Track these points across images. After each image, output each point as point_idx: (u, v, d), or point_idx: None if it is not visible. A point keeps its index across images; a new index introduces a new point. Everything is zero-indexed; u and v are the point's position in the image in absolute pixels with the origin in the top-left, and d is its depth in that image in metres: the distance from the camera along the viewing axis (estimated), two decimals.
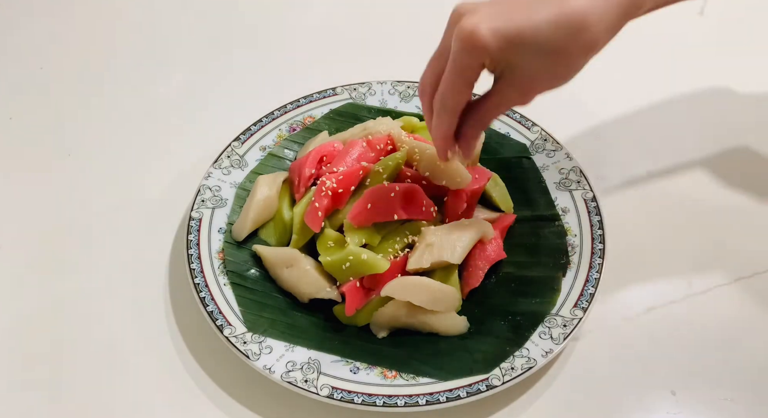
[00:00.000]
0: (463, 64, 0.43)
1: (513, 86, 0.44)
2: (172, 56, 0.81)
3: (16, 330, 0.56)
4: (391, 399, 0.48)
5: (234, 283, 0.55)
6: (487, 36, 0.41)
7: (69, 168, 0.69)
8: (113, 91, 0.77)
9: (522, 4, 0.42)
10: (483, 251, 0.55)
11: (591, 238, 0.57)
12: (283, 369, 0.49)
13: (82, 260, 0.61)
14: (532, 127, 0.65)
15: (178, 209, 0.64)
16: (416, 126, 0.64)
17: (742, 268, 0.59)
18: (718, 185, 0.66)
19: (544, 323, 0.52)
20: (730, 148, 0.69)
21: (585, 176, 0.61)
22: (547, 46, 0.41)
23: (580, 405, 0.51)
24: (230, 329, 0.51)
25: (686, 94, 0.75)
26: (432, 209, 0.56)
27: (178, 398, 0.52)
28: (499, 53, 0.41)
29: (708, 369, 0.53)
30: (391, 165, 0.56)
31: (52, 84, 0.78)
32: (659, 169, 0.67)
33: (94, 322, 0.56)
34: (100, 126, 0.73)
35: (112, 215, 0.64)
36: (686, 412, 0.51)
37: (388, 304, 0.52)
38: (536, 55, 0.42)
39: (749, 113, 0.73)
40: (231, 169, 0.63)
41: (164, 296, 0.58)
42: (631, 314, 0.56)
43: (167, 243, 0.61)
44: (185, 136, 0.72)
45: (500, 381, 0.48)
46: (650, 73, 0.78)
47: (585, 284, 0.54)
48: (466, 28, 0.41)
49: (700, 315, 0.56)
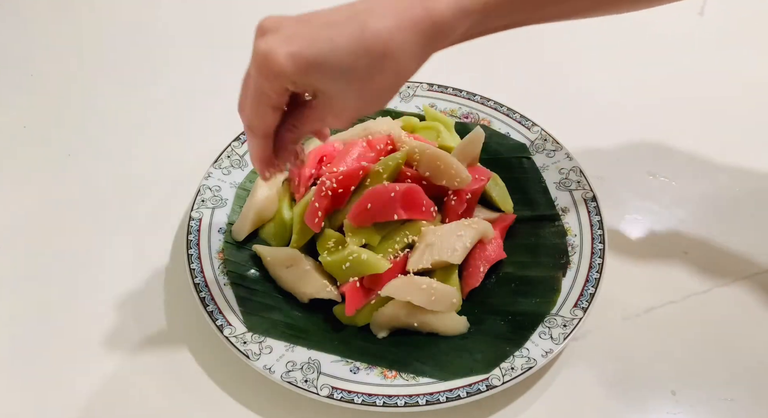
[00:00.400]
0: (262, 89, 0.40)
1: (326, 109, 0.42)
2: (172, 56, 0.81)
3: (16, 330, 0.56)
4: (391, 399, 0.48)
5: (234, 283, 0.55)
6: (284, 61, 0.38)
7: (69, 168, 0.69)
8: (113, 91, 0.77)
9: (325, 24, 0.39)
10: (483, 251, 0.55)
11: (591, 238, 0.57)
12: (283, 369, 0.49)
13: (81, 260, 0.61)
14: (532, 127, 0.65)
15: (178, 209, 0.64)
16: (416, 126, 0.64)
17: (742, 268, 0.59)
18: (718, 185, 0.66)
19: (544, 323, 0.52)
20: (730, 147, 0.69)
21: (585, 176, 0.61)
22: (349, 73, 0.39)
23: (580, 405, 0.51)
24: (230, 329, 0.51)
25: (686, 93, 0.75)
26: (432, 208, 0.56)
27: (178, 397, 0.52)
28: (299, 79, 0.39)
29: (708, 369, 0.53)
30: (391, 165, 0.56)
31: (51, 84, 0.78)
32: (659, 169, 0.67)
33: (94, 322, 0.56)
34: (100, 126, 0.73)
35: (112, 215, 0.64)
36: (686, 412, 0.51)
37: (388, 304, 0.52)
38: (339, 81, 0.39)
39: (749, 113, 0.73)
40: (231, 169, 0.63)
41: (164, 296, 0.58)
42: (631, 314, 0.56)
43: (167, 243, 0.61)
44: (185, 136, 0.72)
45: (500, 381, 0.48)
46: (650, 73, 0.78)
47: (585, 284, 0.54)
48: (260, 53, 0.39)
49: (700, 315, 0.56)
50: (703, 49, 0.81)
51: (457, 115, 0.68)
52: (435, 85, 0.69)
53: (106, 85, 0.78)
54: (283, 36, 0.39)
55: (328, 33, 0.39)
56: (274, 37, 0.39)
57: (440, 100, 0.68)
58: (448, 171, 0.56)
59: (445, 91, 0.69)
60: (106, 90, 0.77)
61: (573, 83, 0.77)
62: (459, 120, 0.67)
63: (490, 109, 0.67)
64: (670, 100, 0.74)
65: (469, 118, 0.67)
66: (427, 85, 0.69)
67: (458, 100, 0.68)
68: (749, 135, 0.71)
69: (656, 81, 0.77)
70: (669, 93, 0.75)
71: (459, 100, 0.68)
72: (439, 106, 0.68)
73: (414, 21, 0.39)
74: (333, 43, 0.38)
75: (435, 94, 0.69)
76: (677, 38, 0.81)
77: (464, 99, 0.68)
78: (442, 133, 0.64)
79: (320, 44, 0.38)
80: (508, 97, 0.68)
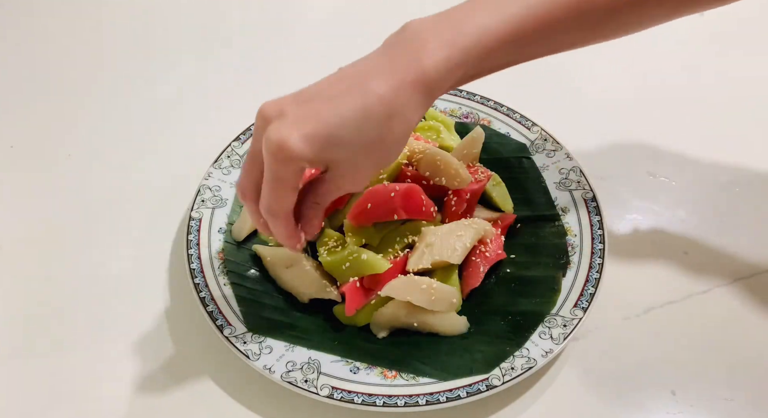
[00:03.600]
0: (280, 175, 0.40)
1: (342, 178, 0.43)
2: (172, 56, 0.81)
3: (16, 330, 0.56)
4: (391, 399, 0.48)
5: (234, 283, 0.55)
6: (300, 145, 0.38)
7: (69, 168, 0.69)
8: (113, 91, 0.77)
9: (327, 99, 0.40)
10: (483, 251, 0.55)
11: (591, 238, 0.57)
12: (283, 369, 0.49)
13: (82, 260, 0.61)
14: (532, 127, 0.65)
15: (178, 209, 0.64)
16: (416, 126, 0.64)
17: (741, 268, 0.59)
18: (718, 185, 0.66)
19: (544, 323, 0.52)
20: (730, 147, 0.69)
21: (585, 176, 0.61)
22: (360, 141, 0.40)
23: (580, 405, 0.51)
24: (230, 329, 0.51)
25: (686, 93, 0.75)
26: (432, 208, 0.56)
27: (178, 397, 0.52)
28: (315, 158, 0.39)
29: (708, 369, 0.53)
30: (391, 165, 0.56)
31: (51, 84, 0.78)
32: (659, 169, 0.67)
33: (94, 321, 0.56)
34: (100, 126, 0.73)
35: (112, 215, 0.64)
36: (686, 412, 0.51)
37: (388, 304, 0.52)
38: (352, 149, 0.40)
39: (749, 113, 0.73)
40: (231, 169, 0.63)
41: (164, 296, 0.58)
42: (631, 314, 0.56)
43: (167, 243, 0.61)
44: (185, 136, 0.72)
45: (500, 381, 0.48)
46: (650, 73, 0.78)
47: (585, 284, 0.54)
48: (274, 141, 0.39)
49: (700, 315, 0.56)
50: (704, 49, 0.81)
51: (457, 115, 0.68)
52: None
53: (106, 86, 0.77)
54: (290, 120, 0.39)
55: (334, 108, 0.39)
56: (282, 123, 0.39)
57: (440, 100, 0.68)
58: (448, 171, 0.56)
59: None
60: (106, 90, 0.77)
61: (573, 83, 0.77)
62: (459, 120, 0.67)
63: (490, 109, 0.67)
64: (670, 100, 0.74)
65: (469, 118, 0.67)
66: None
67: (458, 100, 0.68)
68: (749, 135, 0.71)
69: (657, 81, 0.77)
70: (669, 93, 0.75)
71: (459, 100, 0.68)
72: (439, 106, 0.68)
73: (411, 81, 0.40)
74: (342, 117, 0.39)
75: None
76: (678, 38, 0.81)
77: (464, 99, 0.68)
78: (442, 133, 0.64)
79: (330, 121, 0.39)
80: (508, 97, 0.68)
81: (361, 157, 0.41)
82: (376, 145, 0.41)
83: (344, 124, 0.39)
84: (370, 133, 0.40)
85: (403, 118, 0.41)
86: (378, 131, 0.40)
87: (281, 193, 0.41)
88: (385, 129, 0.40)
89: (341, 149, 0.40)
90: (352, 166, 0.42)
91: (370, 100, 0.39)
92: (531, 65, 0.43)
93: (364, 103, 0.39)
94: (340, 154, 0.40)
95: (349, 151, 0.40)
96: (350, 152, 0.40)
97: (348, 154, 0.41)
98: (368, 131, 0.40)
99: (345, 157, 0.41)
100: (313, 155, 0.39)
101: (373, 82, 0.40)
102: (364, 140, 0.40)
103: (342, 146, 0.40)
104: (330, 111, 0.39)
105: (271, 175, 0.40)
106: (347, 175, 0.42)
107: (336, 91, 0.40)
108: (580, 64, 0.79)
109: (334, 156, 0.40)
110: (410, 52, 0.41)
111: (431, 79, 0.41)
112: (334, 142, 0.39)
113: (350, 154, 0.41)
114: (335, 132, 0.39)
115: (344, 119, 0.39)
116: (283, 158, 0.39)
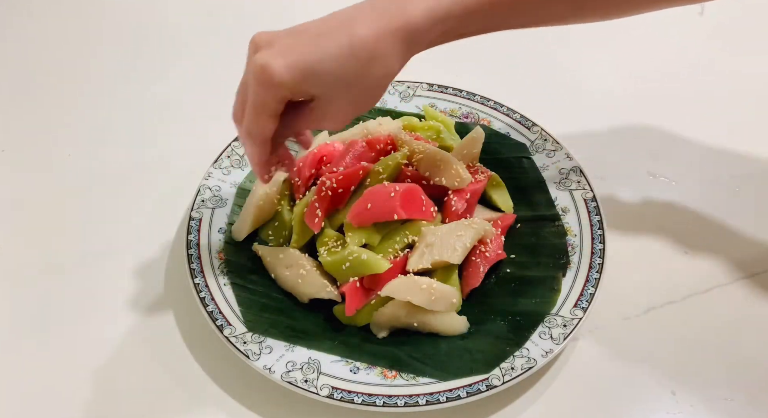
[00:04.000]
0: (261, 100, 0.43)
1: (322, 113, 0.45)
2: (172, 56, 0.81)
3: (16, 330, 0.56)
4: (391, 399, 0.48)
5: (234, 283, 0.55)
6: (281, 72, 0.42)
7: (69, 168, 0.69)
8: (113, 91, 0.77)
9: (315, 34, 0.43)
10: (483, 251, 0.55)
11: (591, 238, 0.57)
12: (283, 369, 0.49)
13: (82, 259, 0.60)
14: (532, 127, 0.65)
15: (178, 209, 0.64)
16: (416, 126, 0.64)
17: (742, 268, 0.59)
18: (718, 185, 0.66)
19: (544, 323, 0.52)
20: (730, 147, 0.69)
21: (585, 176, 0.61)
22: (341, 77, 0.43)
23: (580, 405, 0.51)
24: (230, 329, 0.51)
25: (687, 93, 0.75)
26: (432, 208, 0.56)
27: (178, 397, 0.52)
28: (296, 87, 0.43)
29: (708, 369, 0.53)
30: (391, 165, 0.56)
31: (52, 84, 0.78)
32: (659, 169, 0.67)
33: (93, 321, 0.56)
34: (100, 126, 0.73)
35: (112, 215, 0.64)
36: (686, 412, 0.51)
37: (388, 304, 0.52)
38: (333, 86, 0.43)
39: (749, 113, 0.73)
40: (231, 169, 0.63)
41: (164, 296, 0.58)
42: (631, 314, 0.56)
43: (167, 243, 0.61)
44: (185, 136, 0.72)
45: (500, 381, 0.48)
46: (651, 73, 0.78)
47: (585, 284, 0.54)
48: (259, 65, 0.42)
49: (700, 315, 0.56)
50: (703, 49, 0.81)
51: (457, 115, 0.68)
52: (435, 85, 0.69)
53: (107, 86, 0.78)
54: (277, 49, 0.43)
55: (319, 43, 0.43)
56: (269, 50, 0.43)
57: (440, 100, 0.68)
58: (448, 171, 0.56)
59: (445, 91, 0.69)
60: (107, 90, 0.77)
61: (573, 83, 0.77)
62: (459, 120, 0.67)
63: (490, 109, 0.67)
64: (670, 100, 0.74)
65: (469, 118, 0.67)
66: (427, 85, 0.69)
67: (458, 100, 0.68)
68: (749, 135, 0.71)
69: (657, 81, 0.77)
70: (669, 93, 0.75)
71: (459, 100, 0.68)
72: (439, 106, 0.68)
73: (395, 28, 0.43)
74: (324, 51, 0.42)
75: (435, 94, 0.69)
76: (677, 38, 0.81)
77: (464, 99, 0.68)
78: (442, 133, 0.64)
79: (313, 54, 0.42)
80: (508, 97, 0.68)
81: (340, 92, 0.44)
82: (354, 84, 0.44)
83: (325, 60, 0.42)
84: (349, 71, 0.43)
85: (383, 63, 0.43)
86: (357, 71, 0.43)
87: (261, 117, 0.44)
88: (365, 70, 0.43)
89: (320, 83, 0.43)
90: (330, 102, 0.44)
91: (353, 41, 0.42)
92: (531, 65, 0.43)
93: (348, 42, 0.42)
94: (318, 88, 0.43)
95: (328, 86, 0.43)
96: (329, 87, 0.43)
97: (327, 89, 0.43)
98: (348, 69, 0.43)
99: (323, 92, 0.44)
100: (293, 84, 0.42)
101: (358, 26, 0.43)
102: (343, 77, 0.43)
103: (321, 80, 0.43)
104: (314, 46, 0.42)
105: (254, 98, 0.43)
106: (326, 111, 0.45)
107: (324, 30, 0.43)
108: (581, 63, 0.79)
109: (312, 89, 0.43)
110: (397, 2, 0.44)
111: (414, 30, 0.43)
112: (314, 74, 0.42)
113: (329, 90, 0.43)
114: (316, 66, 0.42)
115: (326, 55, 0.42)
116: (265, 82, 0.42)
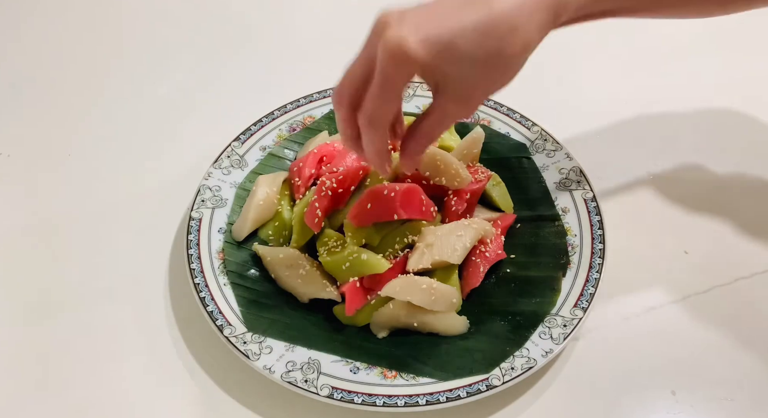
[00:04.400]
0: (392, 78, 0.40)
1: (452, 99, 0.42)
2: (172, 56, 0.81)
3: (16, 330, 0.56)
4: (391, 399, 0.48)
5: (234, 283, 0.55)
6: (417, 48, 0.39)
7: (69, 168, 0.69)
8: (113, 91, 0.77)
9: (449, 9, 0.40)
10: (483, 251, 0.55)
11: (591, 238, 0.57)
12: (283, 369, 0.49)
13: (82, 260, 0.61)
14: (532, 127, 0.65)
15: (178, 209, 0.64)
16: None
17: (741, 268, 0.59)
18: (717, 185, 0.66)
19: (544, 323, 0.52)
20: (730, 148, 0.69)
21: (585, 176, 0.61)
22: (480, 51, 0.39)
23: (580, 405, 0.51)
24: (230, 329, 0.51)
25: (686, 94, 0.75)
26: (432, 208, 0.56)
27: (178, 398, 0.52)
28: (431, 64, 0.39)
29: (708, 369, 0.53)
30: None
31: (52, 84, 0.78)
32: (659, 169, 0.67)
33: (93, 322, 0.56)
34: (100, 126, 0.73)
35: (112, 215, 0.64)
36: (686, 412, 0.51)
37: (388, 304, 0.52)
38: (470, 62, 0.40)
39: (749, 113, 0.73)
40: (231, 169, 0.63)
41: (164, 296, 0.58)
42: (631, 314, 0.56)
43: (167, 243, 0.61)
44: (185, 136, 0.72)
45: (500, 381, 0.48)
46: (650, 73, 0.78)
47: (585, 284, 0.54)
48: (392, 41, 0.39)
49: (700, 315, 0.56)
50: (703, 49, 0.81)
51: None
52: None
53: (107, 86, 0.77)
54: (411, 24, 0.39)
55: (457, 16, 0.39)
56: (402, 26, 0.39)
57: None
58: (448, 171, 0.56)
59: None
60: (107, 90, 0.77)
61: (573, 83, 0.77)
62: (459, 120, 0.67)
63: (490, 109, 0.67)
64: (670, 100, 0.74)
65: (469, 118, 0.67)
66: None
67: None
68: (749, 135, 0.71)
69: (657, 81, 0.77)
70: (669, 93, 0.75)
71: None
72: None
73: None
74: (463, 24, 0.39)
75: None
76: (678, 39, 0.81)
77: None
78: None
79: (452, 26, 0.39)
80: (508, 97, 0.68)
81: (477, 71, 0.41)
82: (494, 60, 0.40)
83: (464, 34, 0.39)
84: (490, 46, 0.39)
85: (524, 34, 0.40)
86: (498, 44, 0.39)
87: (389, 96, 0.41)
88: (505, 43, 0.40)
89: (457, 60, 0.40)
90: (464, 83, 0.41)
91: (493, 12, 0.39)
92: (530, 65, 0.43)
93: (488, 14, 0.39)
94: (454, 66, 0.40)
95: (465, 62, 0.40)
96: (466, 64, 0.40)
97: (463, 66, 0.40)
98: (488, 44, 0.39)
99: (459, 71, 0.40)
100: (430, 58, 0.39)
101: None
102: (483, 53, 0.40)
103: (458, 56, 0.39)
104: (453, 18, 0.39)
105: (382, 77, 0.40)
106: (459, 95, 0.42)
107: (459, 2, 0.40)
108: (581, 64, 0.79)
109: (447, 67, 0.40)
110: None
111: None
112: (451, 49, 0.39)
113: (465, 67, 0.40)
114: (455, 40, 0.39)
115: (465, 28, 0.39)
116: (401, 60, 0.39)
